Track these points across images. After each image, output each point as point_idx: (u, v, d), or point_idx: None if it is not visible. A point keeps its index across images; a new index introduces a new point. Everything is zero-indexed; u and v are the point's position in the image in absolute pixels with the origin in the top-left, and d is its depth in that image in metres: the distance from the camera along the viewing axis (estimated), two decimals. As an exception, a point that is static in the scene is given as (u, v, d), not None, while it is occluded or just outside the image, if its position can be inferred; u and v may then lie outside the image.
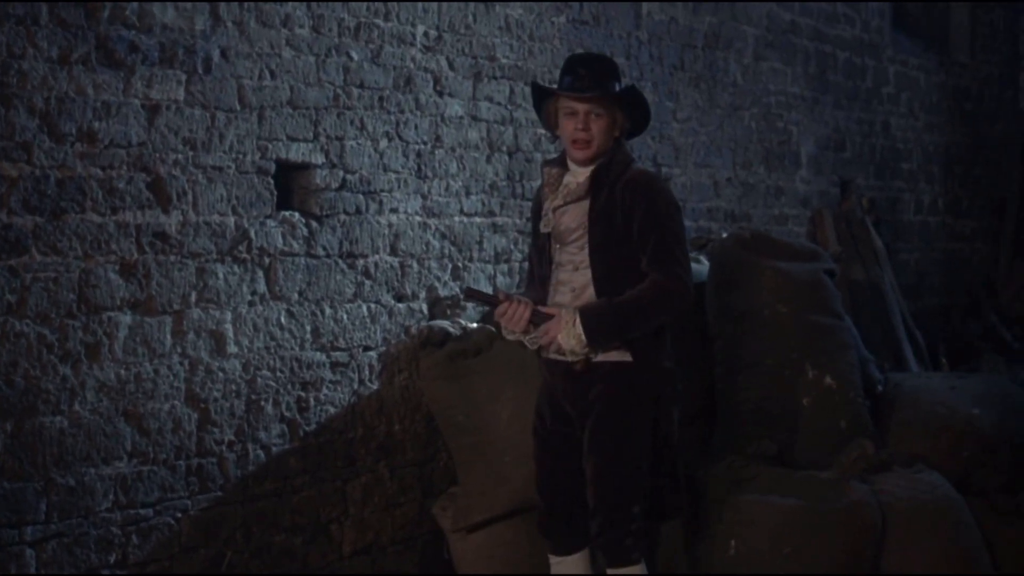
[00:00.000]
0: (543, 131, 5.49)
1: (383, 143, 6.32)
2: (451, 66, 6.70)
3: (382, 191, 6.32)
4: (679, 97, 8.57)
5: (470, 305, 6.75)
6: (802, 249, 7.17)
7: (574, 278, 5.02)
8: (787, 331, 6.65)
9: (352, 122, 6.16)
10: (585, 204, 4.99)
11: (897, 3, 11.77)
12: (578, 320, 4.85)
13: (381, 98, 6.31)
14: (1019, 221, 13.26)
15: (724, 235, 7.37)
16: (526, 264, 7.07)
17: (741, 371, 6.55)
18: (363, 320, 6.23)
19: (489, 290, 6.71)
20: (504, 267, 7.02)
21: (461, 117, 6.76)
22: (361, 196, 6.22)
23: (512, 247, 7.06)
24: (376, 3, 6.26)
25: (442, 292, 6.64)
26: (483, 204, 6.91)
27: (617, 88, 5.03)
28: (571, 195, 5.02)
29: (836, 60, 10.39)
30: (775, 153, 9.62)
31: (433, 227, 6.60)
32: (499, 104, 7.00)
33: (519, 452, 5.89)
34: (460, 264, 6.76)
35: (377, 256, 6.29)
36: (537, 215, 5.20)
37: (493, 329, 6.56)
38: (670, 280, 4.91)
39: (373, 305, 6.28)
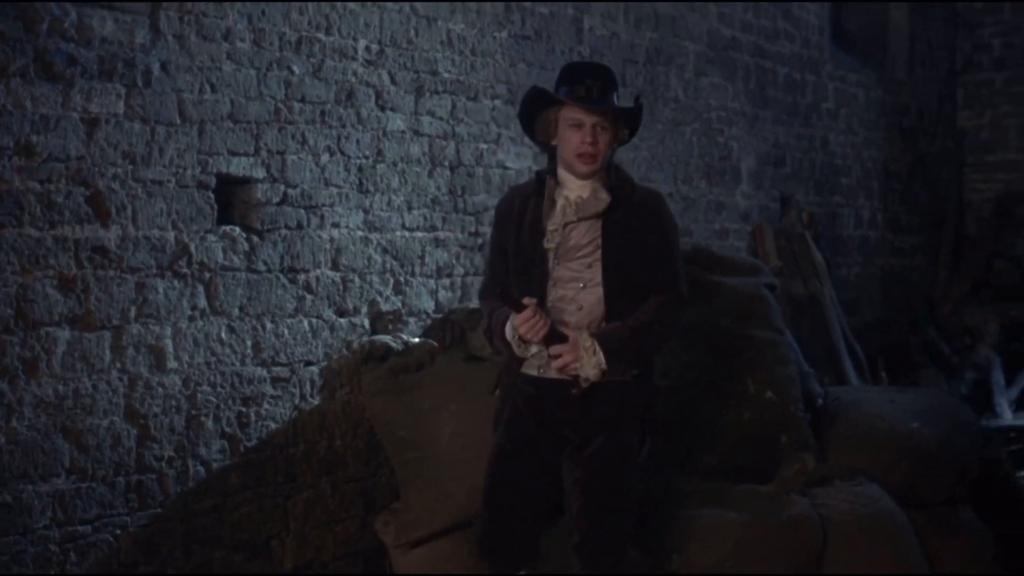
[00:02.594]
0: (486, 144, 5.48)
1: (325, 157, 6.30)
2: (393, 80, 6.69)
3: (323, 205, 6.30)
4: (621, 112, 8.57)
5: (412, 320, 6.74)
6: (743, 264, 7.21)
7: (582, 296, 4.87)
8: (728, 345, 6.68)
9: (293, 136, 6.14)
10: (596, 219, 4.86)
11: (836, 20, 11.86)
12: (598, 348, 4.74)
13: (323, 112, 6.29)
14: (957, 236, 13.40)
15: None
16: (470, 279, 7.09)
17: (682, 385, 6.56)
18: (304, 335, 6.20)
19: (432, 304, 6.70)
20: (446, 281, 7.01)
21: (403, 131, 6.75)
22: (302, 211, 6.19)
23: (454, 261, 7.05)
24: (318, 17, 6.25)
25: (384, 307, 6.62)
26: (425, 219, 6.90)
27: (616, 100, 4.92)
28: (585, 210, 4.85)
29: (776, 76, 10.45)
30: (716, 168, 9.67)
31: (375, 242, 6.59)
32: (441, 119, 7.00)
33: (462, 467, 5.88)
34: (402, 279, 6.74)
35: (319, 271, 6.27)
36: (508, 227, 5.01)
37: (435, 344, 6.56)
38: (679, 300, 4.91)
39: (315, 320, 6.26)
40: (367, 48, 6.53)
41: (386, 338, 6.54)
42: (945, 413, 7.03)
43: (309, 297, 6.22)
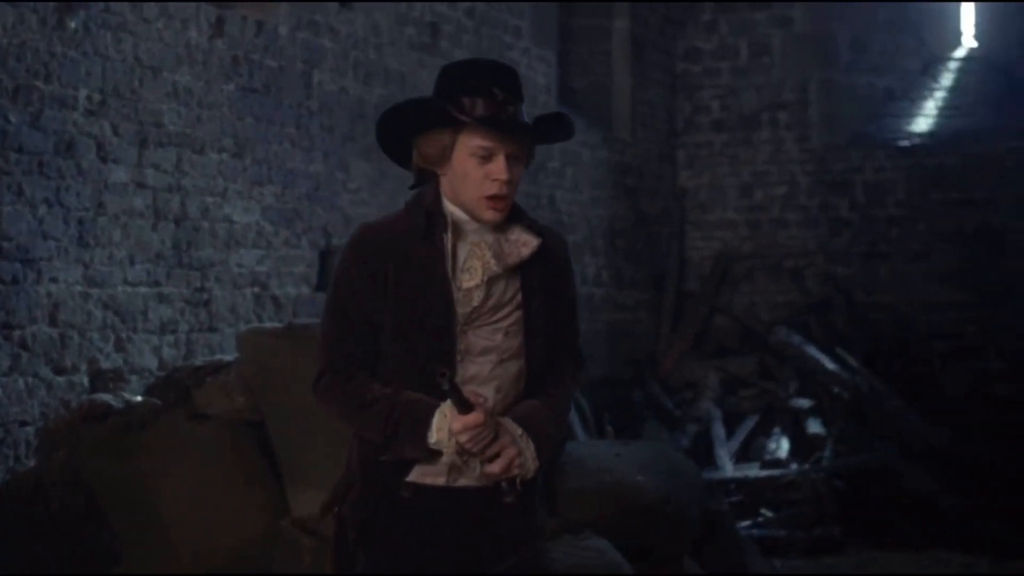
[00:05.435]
0: (212, 197, 5.30)
1: (42, 209, 6.10)
2: (116, 131, 6.53)
3: (41, 259, 6.09)
4: (350, 168, 8.57)
5: (134, 378, 6.56)
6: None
7: (498, 372, 3.57)
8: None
9: (9, 187, 5.92)
10: (513, 274, 3.59)
11: (563, 80, 12.10)
12: (531, 441, 3.50)
13: (40, 163, 6.09)
14: (678, 293, 13.76)
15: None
16: (195, 335, 6.93)
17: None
18: (19, 394, 5.98)
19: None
20: (171, 338, 6.85)
21: (126, 184, 6.59)
22: (18, 264, 5.97)
23: (179, 317, 6.90)
24: (36, 65, 6.06)
25: (104, 364, 6.43)
26: (148, 273, 6.73)
27: (523, 113, 3.57)
28: (508, 257, 3.57)
29: (504, 134, 10.56)
30: (445, 225, 9.70)
31: (95, 297, 6.39)
32: (166, 171, 6.86)
33: (187, 530, 5.74)
34: (124, 335, 6.56)
35: (35, 327, 6.05)
36: (381, 281, 3.52)
37: (158, 403, 6.39)
38: (581, 366, 3.84)
39: (30, 378, 6.04)
40: (88, 98, 6.37)
41: (107, 397, 6.34)
42: (668, 466, 7.17)
43: (24, 354, 6.00)
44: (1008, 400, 11.85)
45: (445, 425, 3.41)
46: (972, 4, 14.06)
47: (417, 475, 3.52)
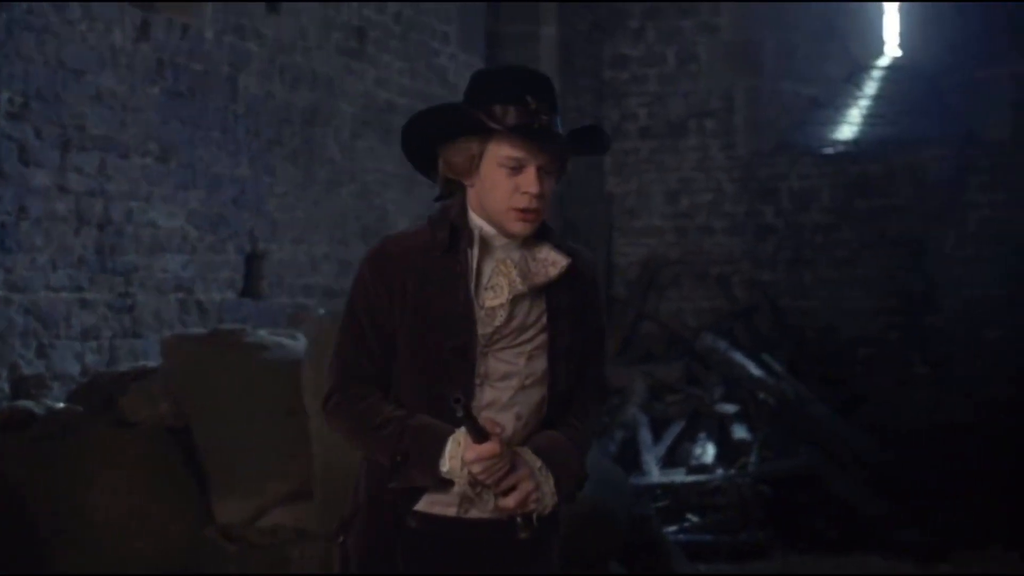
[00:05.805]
0: (137, 202, 5.23)
1: (-37, 214, 6.02)
2: (38, 135, 6.44)
3: (-39, 264, 6.01)
4: (276, 172, 8.52)
5: (56, 384, 6.47)
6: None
7: (520, 399, 3.34)
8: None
9: (-72, 191, 5.84)
10: (539, 295, 3.37)
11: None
12: (548, 471, 3.29)
13: (-39, 166, 6.01)
14: (606, 298, 13.79)
15: (321, 312, 7.33)
16: (119, 341, 6.86)
17: (338, 448, 6.49)
18: (-62, 401, 5.89)
19: None
20: (93, 344, 6.77)
21: (48, 188, 6.51)
22: (-62, 269, 5.89)
23: (102, 324, 6.82)
24: (-44, 67, 5.98)
25: (26, 371, 6.35)
26: (71, 279, 6.66)
27: (559, 124, 3.34)
28: (535, 276, 3.36)
29: (432, 140, 10.56)
30: (372, 230, 9.68)
31: (16, 303, 6.31)
32: (89, 175, 6.78)
33: (110, 535, 5.68)
34: (46, 341, 6.48)
35: (-45, 333, 5.97)
36: (399, 297, 3.32)
37: (81, 409, 6.32)
38: (606, 398, 3.64)
39: (-50, 385, 5.95)
40: (10, 100, 6.29)
41: (28, 404, 6.26)
42: (595, 471, 7.17)
43: (-56, 361, 5.91)
44: (931, 405, 11.98)
45: (458, 453, 3.18)
46: (896, 13, 14.21)
47: (426, 504, 3.29)
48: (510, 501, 3.21)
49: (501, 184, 3.27)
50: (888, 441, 10.99)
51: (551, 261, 3.37)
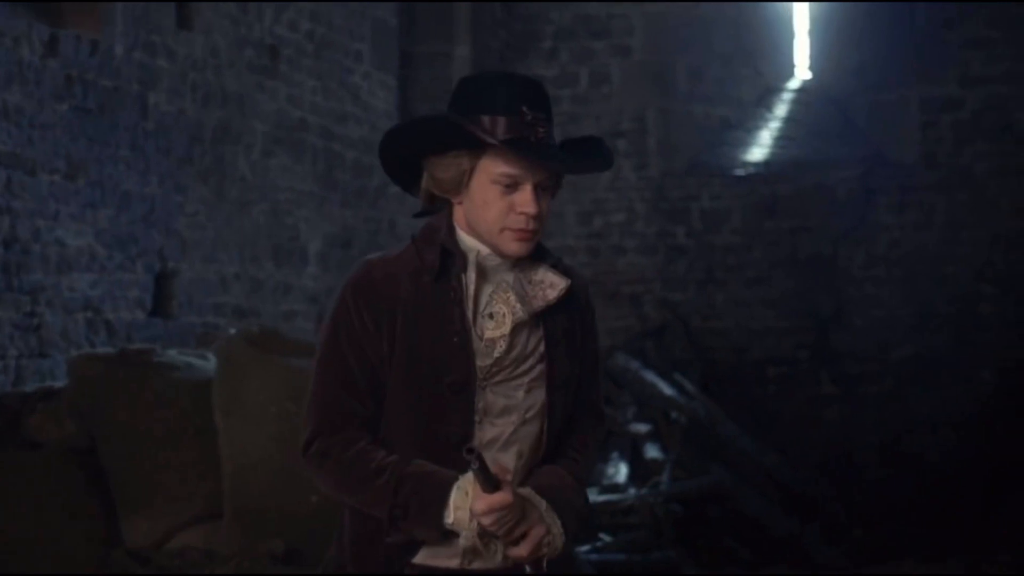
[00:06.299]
0: (44, 220, 5.11)
1: None
2: (-58, 151, 6.35)
3: None
4: (187, 191, 8.44)
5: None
6: (310, 346, 7.17)
7: (520, 435, 3.06)
8: (293, 430, 6.61)
9: None
10: (536, 321, 3.10)
11: (404, 106, 12.09)
12: (556, 516, 3.00)
13: None
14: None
15: (232, 331, 7.28)
16: (24, 361, 6.76)
17: (249, 468, 6.45)
18: None
19: None
20: None
21: (-47, 205, 6.41)
22: None
23: (8, 343, 6.72)
24: None
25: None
26: (-24, 297, 6.55)
27: (553, 136, 3.05)
28: (534, 301, 3.09)
29: (344, 159, 10.54)
30: (284, 249, 9.63)
31: (-80, 321, 6.21)
32: (-5, 193, 6.69)
33: (16, 558, 5.61)
34: (-50, 361, 6.37)
35: None
36: (387, 327, 3.01)
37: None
38: (602, 426, 3.35)
39: None
40: (-86, 116, 6.19)
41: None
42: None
43: None
44: (839, 425, 12.10)
45: (465, 504, 2.89)
46: (806, 37, 14.36)
47: (426, 557, 2.99)
48: (522, 550, 2.95)
49: (494, 203, 2.99)
50: (798, 460, 11.09)
51: (549, 283, 3.11)
